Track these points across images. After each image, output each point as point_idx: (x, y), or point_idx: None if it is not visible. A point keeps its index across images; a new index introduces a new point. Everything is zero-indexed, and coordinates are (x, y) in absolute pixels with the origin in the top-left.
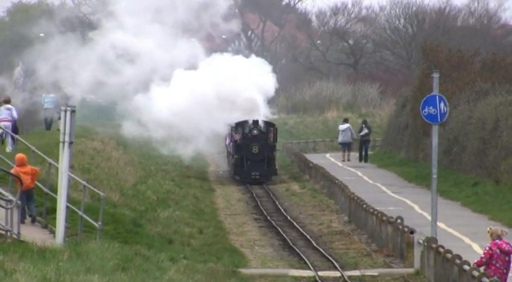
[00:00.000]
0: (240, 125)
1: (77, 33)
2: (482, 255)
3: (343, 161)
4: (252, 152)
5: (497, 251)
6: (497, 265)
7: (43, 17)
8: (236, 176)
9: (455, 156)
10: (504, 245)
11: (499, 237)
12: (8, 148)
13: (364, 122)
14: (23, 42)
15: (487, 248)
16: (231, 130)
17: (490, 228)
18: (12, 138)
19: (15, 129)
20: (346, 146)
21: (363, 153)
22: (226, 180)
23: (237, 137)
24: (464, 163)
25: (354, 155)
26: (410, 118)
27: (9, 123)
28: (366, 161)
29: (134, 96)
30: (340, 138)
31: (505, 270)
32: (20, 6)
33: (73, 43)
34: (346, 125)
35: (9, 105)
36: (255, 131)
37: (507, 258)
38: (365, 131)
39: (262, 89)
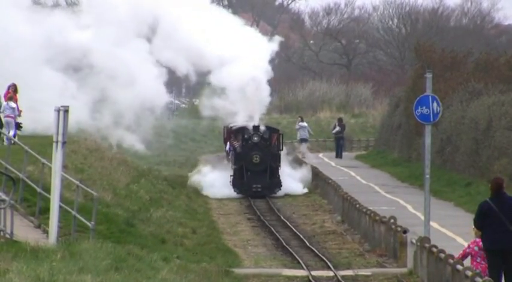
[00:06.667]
0: (239, 131)
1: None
2: (461, 252)
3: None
4: (253, 161)
5: (475, 248)
6: (478, 260)
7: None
8: (235, 188)
9: (448, 156)
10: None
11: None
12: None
13: (339, 119)
14: None
15: (466, 247)
16: (230, 135)
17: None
18: (15, 131)
19: (17, 125)
20: (306, 142)
21: (339, 150)
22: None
23: (236, 144)
24: (457, 163)
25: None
26: (403, 118)
27: (12, 120)
28: (340, 157)
29: None
30: (303, 135)
31: (484, 264)
32: None
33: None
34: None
35: (12, 103)
36: (256, 138)
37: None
38: (337, 128)
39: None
